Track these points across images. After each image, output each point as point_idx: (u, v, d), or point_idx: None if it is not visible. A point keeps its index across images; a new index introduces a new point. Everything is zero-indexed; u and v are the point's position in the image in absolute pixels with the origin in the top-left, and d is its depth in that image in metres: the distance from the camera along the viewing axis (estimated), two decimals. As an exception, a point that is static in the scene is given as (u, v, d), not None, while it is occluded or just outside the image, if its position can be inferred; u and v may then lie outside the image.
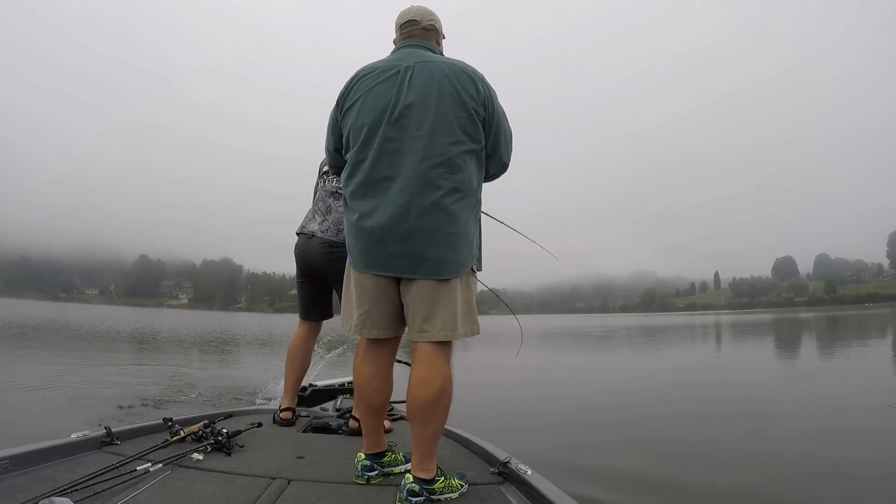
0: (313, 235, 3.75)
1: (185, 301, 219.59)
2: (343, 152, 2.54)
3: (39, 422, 5.90)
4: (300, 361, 3.88)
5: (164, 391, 8.55)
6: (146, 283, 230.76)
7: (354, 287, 2.48)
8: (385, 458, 2.61)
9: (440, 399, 2.33)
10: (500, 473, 2.61)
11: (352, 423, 3.49)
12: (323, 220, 3.77)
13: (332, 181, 3.77)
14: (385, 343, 2.53)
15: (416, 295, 2.33)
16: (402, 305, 2.43)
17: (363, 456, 2.55)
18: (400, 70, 2.36)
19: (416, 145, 2.28)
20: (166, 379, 10.05)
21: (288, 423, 3.69)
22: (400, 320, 2.49)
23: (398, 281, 2.39)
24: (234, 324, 46.34)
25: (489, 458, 2.84)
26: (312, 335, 3.93)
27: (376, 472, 2.55)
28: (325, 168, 3.82)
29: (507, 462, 2.62)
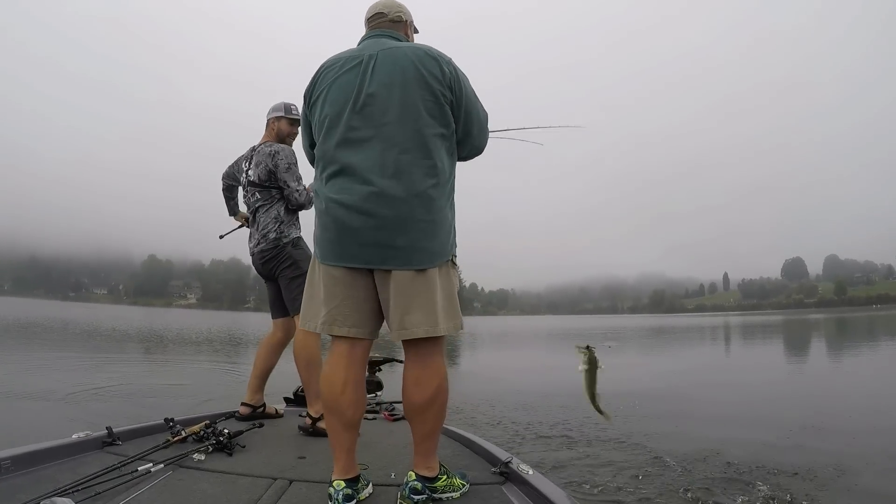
0: (252, 253, 3.99)
1: (193, 301, 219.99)
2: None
3: (40, 422, 5.92)
4: (261, 359, 4.02)
5: (167, 392, 8.57)
6: (154, 282, 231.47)
7: (322, 280, 2.31)
8: (359, 485, 2.34)
9: (436, 398, 2.26)
10: (501, 473, 2.61)
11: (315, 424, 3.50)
12: (252, 236, 4.01)
13: (251, 196, 3.97)
14: (358, 345, 2.33)
15: (394, 288, 2.20)
16: (376, 301, 2.29)
17: (342, 484, 2.24)
18: (363, 59, 2.27)
19: (383, 133, 2.19)
20: (168, 380, 10.04)
21: (243, 418, 3.78)
22: (375, 320, 2.33)
23: (372, 275, 2.26)
24: (241, 324, 46.39)
25: (491, 459, 2.84)
26: (278, 334, 4.03)
27: (354, 501, 2.27)
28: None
29: (509, 462, 2.62)
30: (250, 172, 3.89)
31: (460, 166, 2.46)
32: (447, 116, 2.28)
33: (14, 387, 8.28)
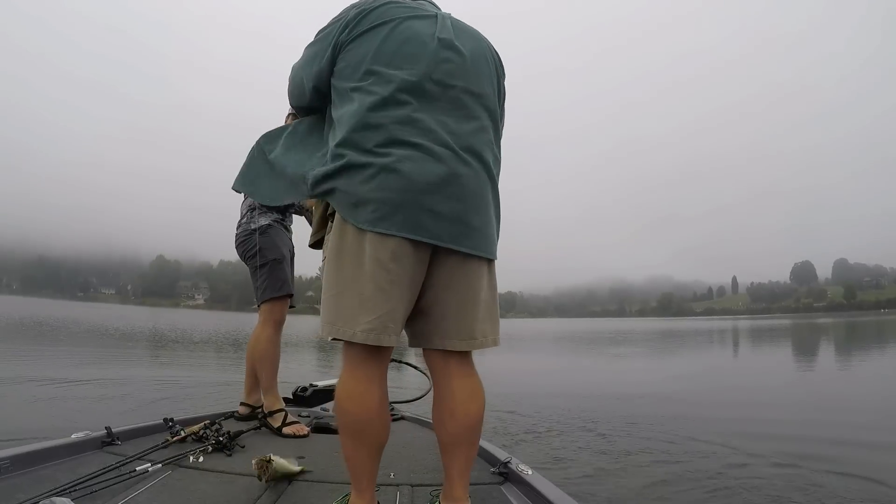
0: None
1: (201, 301, 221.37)
2: (326, 90, 1.99)
3: (39, 421, 5.93)
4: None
5: (167, 393, 8.59)
6: (163, 283, 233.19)
7: (372, 265, 1.75)
8: None
9: (483, 412, 1.95)
10: (500, 474, 2.59)
11: (292, 429, 3.44)
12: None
13: None
14: (388, 354, 1.90)
15: (464, 287, 1.85)
16: (414, 302, 1.87)
17: None
18: (437, 15, 1.93)
19: (466, 101, 1.87)
20: (170, 381, 10.05)
21: (242, 418, 3.72)
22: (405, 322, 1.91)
23: (426, 262, 1.83)
24: (248, 325, 46.48)
25: (490, 459, 2.81)
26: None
27: None
28: None
29: (508, 462, 2.59)
30: None
31: None
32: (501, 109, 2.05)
33: (15, 387, 8.31)
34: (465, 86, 1.86)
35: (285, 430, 3.41)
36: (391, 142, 1.77)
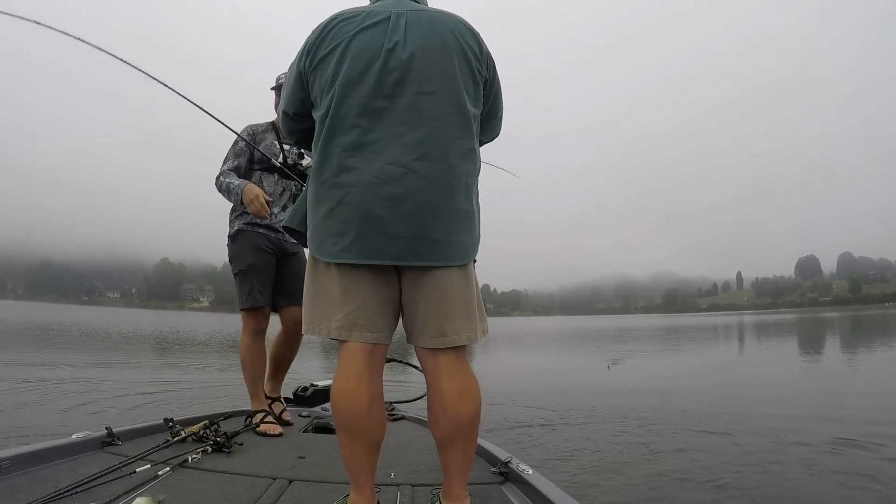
0: None
1: (206, 304, 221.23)
2: (309, 113, 2.06)
3: (40, 422, 5.93)
4: (274, 349, 3.93)
5: (168, 393, 8.60)
6: (167, 286, 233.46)
7: (338, 279, 1.92)
8: None
9: (479, 411, 1.97)
10: (501, 473, 2.58)
11: (265, 428, 3.43)
12: None
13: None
14: (377, 352, 1.96)
15: (432, 289, 1.90)
16: (398, 301, 1.98)
17: None
18: (390, 16, 1.92)
19: (420, 104, 1.86)
20: (171, 382, 10.06)
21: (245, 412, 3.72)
22: (394, 321, 2.01)
23: (397, 272, 1.95)
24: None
25: (490, 458, 2.81)
26: (279, 326, 3.94)
27: None
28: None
29: (509, 462, 2.59)
30: None
31: None
32: (480, 96, 2.02)
33: (17, 388, 8.33)
34: (417, 90, 1.86)
35: (260, 427, 3.43)
36: (342, 170, 1.87)
